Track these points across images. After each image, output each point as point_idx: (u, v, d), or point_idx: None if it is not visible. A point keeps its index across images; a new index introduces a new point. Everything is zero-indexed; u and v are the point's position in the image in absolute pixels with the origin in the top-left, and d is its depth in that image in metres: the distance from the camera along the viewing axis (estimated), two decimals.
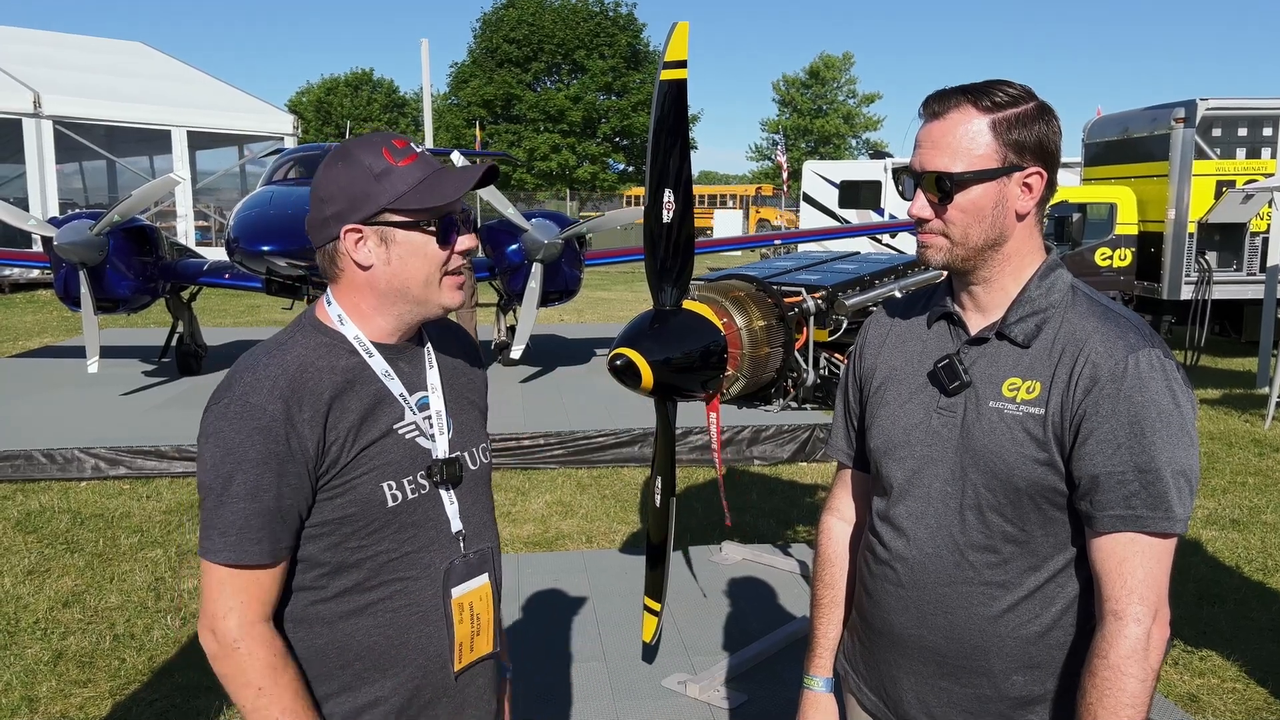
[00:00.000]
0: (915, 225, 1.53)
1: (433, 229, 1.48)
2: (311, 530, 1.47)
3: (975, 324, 1.56)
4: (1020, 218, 1.49)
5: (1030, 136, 1.46)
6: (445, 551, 1.56)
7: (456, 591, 1.57)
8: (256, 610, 1.42)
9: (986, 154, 1.45)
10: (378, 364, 1.53)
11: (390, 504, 1.49)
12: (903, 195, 1.56)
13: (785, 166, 33.60)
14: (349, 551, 1.49)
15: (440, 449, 1.57)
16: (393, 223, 1.46)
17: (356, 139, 1.52)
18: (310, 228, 1.52)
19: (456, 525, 1.58)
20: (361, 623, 1.50)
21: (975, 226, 1.47)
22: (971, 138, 1.45)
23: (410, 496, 1.52)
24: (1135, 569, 1.39)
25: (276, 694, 1.41)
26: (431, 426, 1.57)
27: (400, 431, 1.52)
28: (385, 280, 1.49)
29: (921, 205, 1.49)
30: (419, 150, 1.51)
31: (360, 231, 1.47)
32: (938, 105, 1.48)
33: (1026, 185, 1.48)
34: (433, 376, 1.60)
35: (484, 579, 1.62)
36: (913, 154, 1.52)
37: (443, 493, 1.56)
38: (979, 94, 1.46)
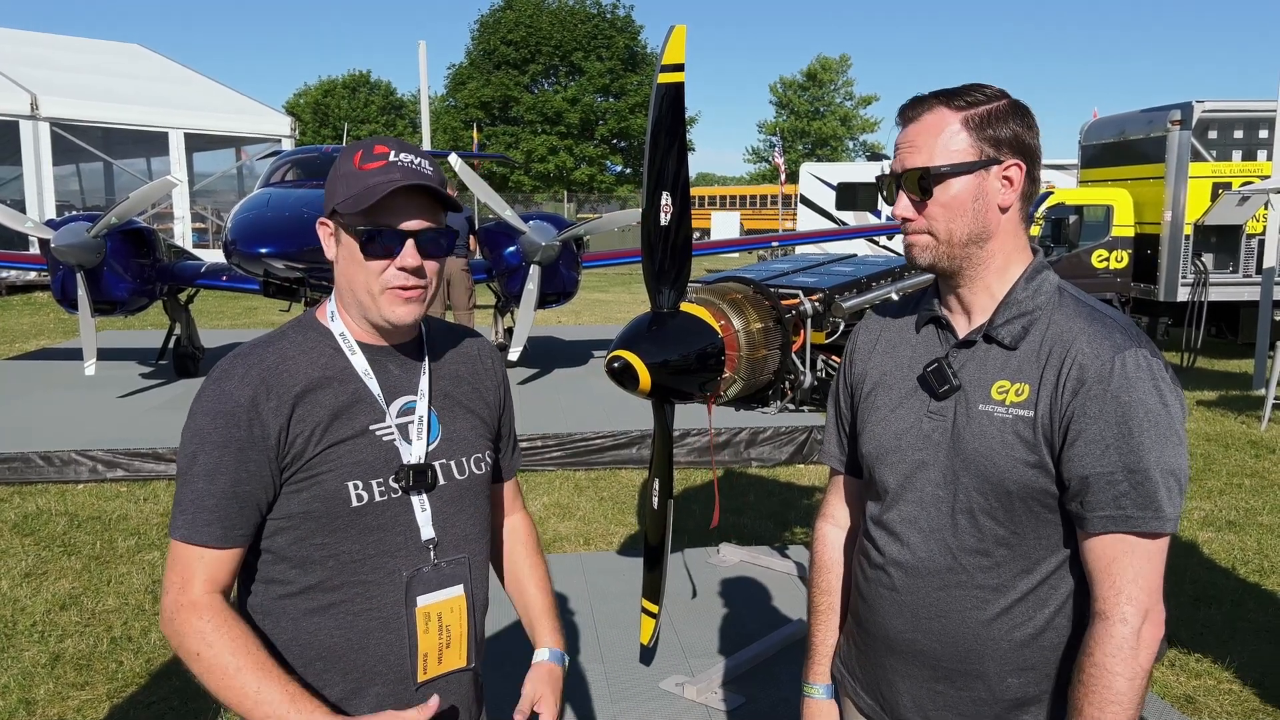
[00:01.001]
0: (901, 227, 1.55)
1: (357, 234, 1.47)
2: (278, 523, 1.48)
3: (963, 327, 1.56)
4: (1003, 211, 1.50)
5: (1005, 131, 1.48)
6: (412, 559, 1.54)
7: (422, 600, 1.54)
8: (198, 585, 1.44)
9: (963, 149, 1.47)
10: (359, 363, 1.54)
11: (354, 504, 1.49)
12: (886, 200, 1.58)
13: (783, 168, 33.63)
14: (313, 548, 1.49)
15: (414, 454, 1.54)
16: (339, 223, 1.51)
17: (366, 139, 1.56)
18: None
19: (427, 533, 1.55)
20: (323, 622, 1.50)
21: (958, 221, 1.49)
22: (947, 135, 1.48)
23: (378, 499, 1.50)
24: (1125, 569, 1.40)
25: (212, 656, 1.40)
26: (410, 432, 1.56)
27: (377, 432, 1.52)
28: (339, 277, 1.54)
29: (904, 206, 1.52)
30: (394, 158, 1.48)
31: (328, 225, 1.53)
32: (912, 110, 1.52)
33: (1007, 178, 1.49)
34: (423, 382, 1.59)
35: (458, 590, 1.58)
36: (893, 159, 1.55)
37: (413, 499, 1.54)
38: (952, 95, 1.50)
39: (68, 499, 6.10)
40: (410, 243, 1.47)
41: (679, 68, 2.48)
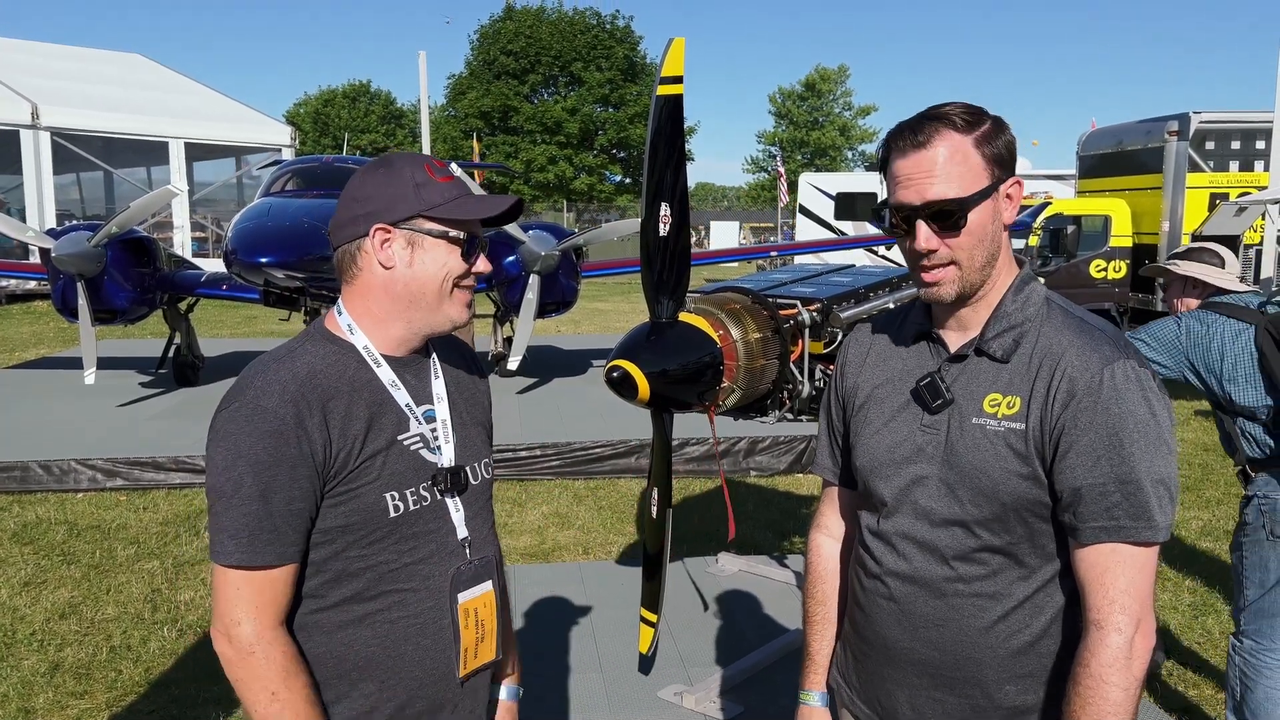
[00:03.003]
0: (914, 263, 1.51)
1: (461, 240, 1.54)
2: (315, 537, 1.49)
3: (954, 341, 1.57)
4: (1006, 228, 1.52)
5: (1002, 148, 1.49)
6: (448, 561, 1.58)
7: (463, 597, 1.59)
8: (271, 615, 1.44)
9: (979, 173, 1.47)
10: (385, 374, 1.56)
11: (392, 514, 1.51)
12: (889, 232, 1.52)
13: (784, 177, 33.68)
14: (349, 561, 1.51)
15: (447, 457, 1.59)
16: (423, 229, 1.52)
17: (399, 153, 1.59)
18: (336, 226, 1.57)
19: (463, 532, 1.60)
20: (359, 633, 1.52)
21: (979, 247, 1.49)
22: (964, 160, 1.46)
23: (412, 508, 1.54)
24: (1118, 578, 1.41)
25: (290, 699, 1.43)
26: (437, 438, 1.59)
27: (405, 442, 1.55)
28: (403, 283, 1.53)
29: (928, 237, 1.47)
30: (456, 174, 1.58)
31: (389, 232, 1.52)
32: (919, 135, 1.46)
33: (1009, 196, 1.51)
34: (439, 386, 1.63)
35: (488, 585, 1.64)
36: (897, 189, 1.49)
37: (448, 500, 1.59)
38: (947, 118, 1.47)
39: (67, 508, 6.10)
40: (481, 252, 1.57)
41: (678, 80, 2.50)
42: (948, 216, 1.45)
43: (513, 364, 8.57)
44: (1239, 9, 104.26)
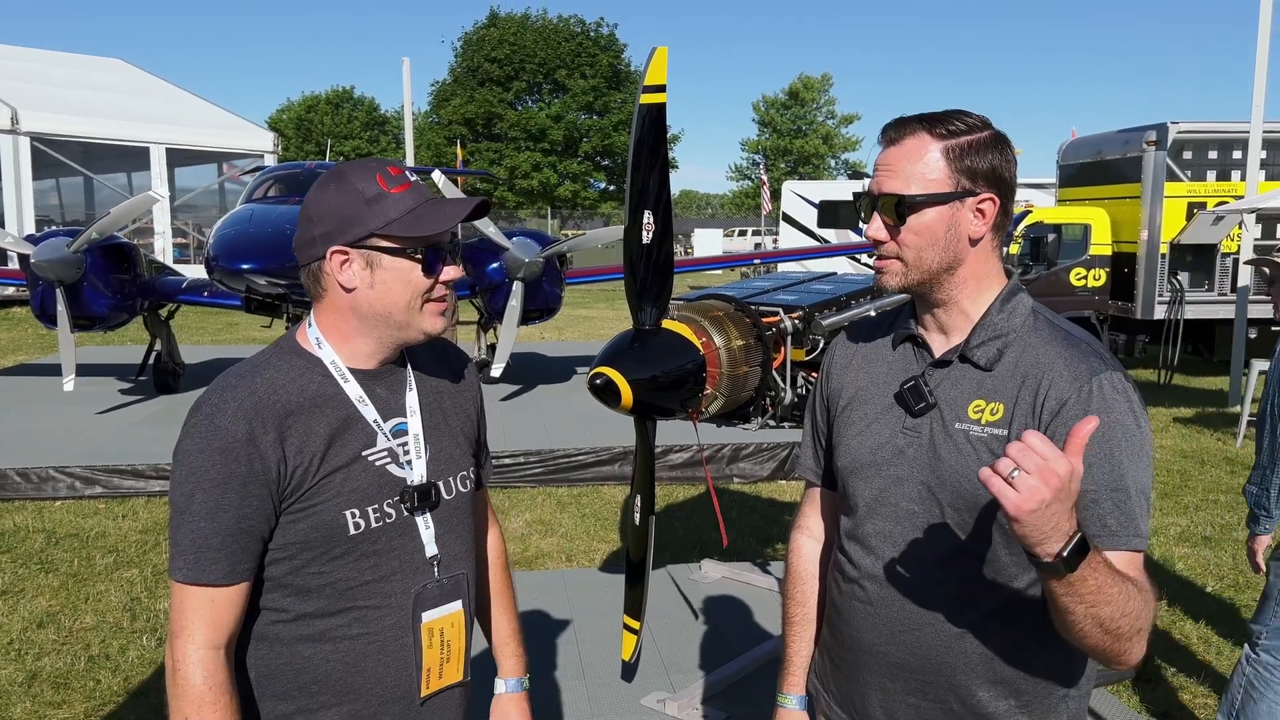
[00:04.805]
0: (872, 250, 1.56)
1: (419, 257, 1.49)
2: (275, 553, 1.48)
3: (938, 346, 1.59)
4: (974, 242, 1.52)
5: (983, 163, 1.49)
6: (412, 579, 1.55)
7: (427, 616, 1.56)
8: (207, 634, 1.42)
9: (939, 179, 1.49)
10: (352, 390, 1.53)
11: (352, 531, 1.49)
12: (861, 219, 1.59)
13: (768, 184, 33.78)
14: (310, 577, 1.49)
15: (416, 475, 1.56)
16: (380, 248, 1.47)
17: (352, 162, 1.53)
18: (297, 246, 1.53)
19: (431, 550, 1.57)
20: (320, 648, 1.50)
21: (928, 249, 1.51)
22: (925, 163, 1.49)
23: (374, 525, 1.51)
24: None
25: None
26: (408, 453, 1.56)
27: (370, 458, 1.51)
28: (367, 304, 1.50)
29: (877, 228, 1.53)
30: (413, 179, 1.52)
31: (346, 254, 1.48)
32: (895, 132, 1.53)
33: (980, 211, 1.51)
34: (412, 399, 1.59)
35: (457, 605, 1.61)
36: (871, 179, 1.57)
37: (418, 518, 1.56)
38: (935, 122, 1.50)
39: (45, 516, 6.05)
40: (449, 257, 1.53)
41: (660, 88, 2.52)
42: (896, 212, 1.50)
43: (496, 371, 8.56)
44: (1217, 21, 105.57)
